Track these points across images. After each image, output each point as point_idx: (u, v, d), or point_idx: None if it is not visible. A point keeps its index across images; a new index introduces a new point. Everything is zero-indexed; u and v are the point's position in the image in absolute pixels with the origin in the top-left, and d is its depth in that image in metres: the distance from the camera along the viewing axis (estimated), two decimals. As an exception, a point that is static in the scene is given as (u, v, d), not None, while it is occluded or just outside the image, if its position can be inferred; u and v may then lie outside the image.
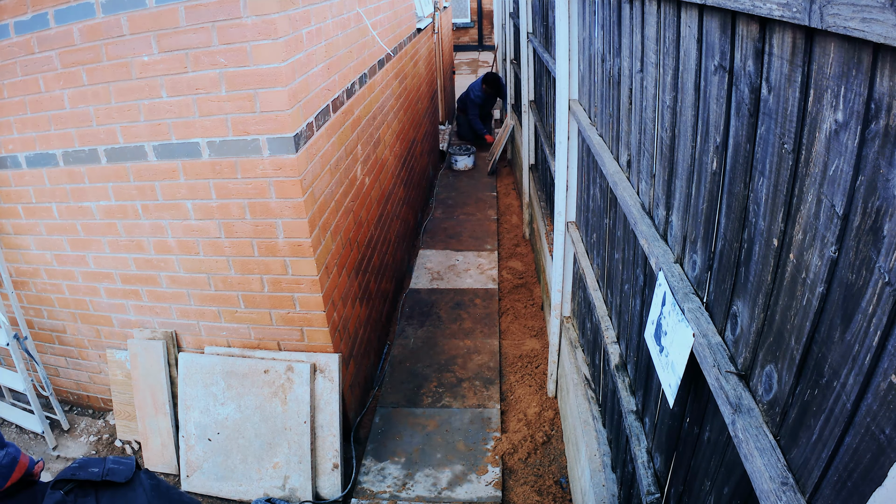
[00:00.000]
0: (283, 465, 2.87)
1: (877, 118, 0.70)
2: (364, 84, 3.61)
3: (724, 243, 1.21)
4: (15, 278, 3.20)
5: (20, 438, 3.40)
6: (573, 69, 2.75)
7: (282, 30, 2.24)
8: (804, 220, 0.89)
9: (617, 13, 1.97)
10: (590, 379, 2.75)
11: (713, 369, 1.16)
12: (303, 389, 2.84)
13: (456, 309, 4.50)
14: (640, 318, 1.86)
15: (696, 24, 1.27)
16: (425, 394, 3.61)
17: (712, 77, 1.20)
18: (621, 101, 2.00)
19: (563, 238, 3.04)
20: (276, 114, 2.35)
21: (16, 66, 2.51)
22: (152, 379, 3.02)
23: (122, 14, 2.27)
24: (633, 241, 1.91)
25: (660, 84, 1.56)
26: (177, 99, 2.39)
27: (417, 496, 2.88)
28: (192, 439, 2.95)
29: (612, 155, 2.16)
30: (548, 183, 4.41)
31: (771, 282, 1.01)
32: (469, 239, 5.66)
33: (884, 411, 0.70)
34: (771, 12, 0.86)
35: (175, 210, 2.66)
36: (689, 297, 1.35)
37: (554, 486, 2.93)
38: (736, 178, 1.13)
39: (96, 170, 2.66)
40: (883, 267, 0.70)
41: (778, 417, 0.98)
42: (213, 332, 2.98)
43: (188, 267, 2.81)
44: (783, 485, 0.91)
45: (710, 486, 1.30)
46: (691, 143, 1.35)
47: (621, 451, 2.16)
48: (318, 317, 2.83)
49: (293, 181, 2.49)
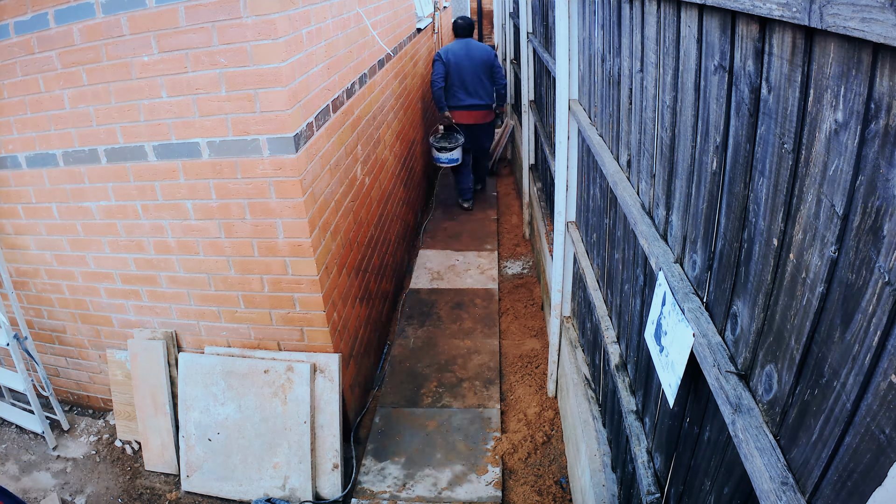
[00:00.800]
0: (284, 465, 2.87)
1: (877, 118, 0.70)
2: (364, 84, 3.61)
3: (724, 243, 1.21)
4: (15, 278, 3.20)
5: (20, 438, 3.40)
6: (573, 69, 2.75)
7: (282, 30, 2.24)
8: (804, 219, 0.89)
9: (617, 13, 1.97)
10: (590, 379, 2.75)
11: (713, 369, 1.16)
12: (303, 389, 2.84)
13: (456, 309, 4.50)
14: (640, 318, 1.86)
15: (695, 24, 1.27)
16: (425, 394, 3.60)
17: (712, 77, 1.20)
18: (621, 101, 2.00)
19: (563, 238, 3.04)
20: (276, 114, 2.35)
21: (16, 67, 2.51)
22: (152, 379, 3.02)
23: (122, 14, 2.27)
24: (633, 241, 1.91)
25: (660, 84, 1.56)
26: (177, 99, 2.39)
27: (417, 496, 2.88)
28: (192, 439, 2.95)
29: (612, 155, 2.16)
30: (548, 183, 4.41)
31: (771, 282, 1.01)
32: (469, 239, 5.65)
33: (884, 411, 0.70)
34: (771, 12, 0.86)
35: (175, 210, 2.66)
36: (689, 297, 1.35)
37: (554, 486, 2.93)
38: (736, 177, 1.13)
39: (96, 170, 2.66)
40: (883, 267, 0.70)
41: (778, 417, 0.98)
42: (213, 332, 2.98)
43: (188, 267, 2.81)
44: (783, 484, 0.91)
45: (710, 486, 1.30)
46: (691, 142, 1.35)
47: (621, 451, 2.16)
48: (318, 317, 2.83)
49: (293, 181, 2.49)
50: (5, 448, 3.34)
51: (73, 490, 3.05)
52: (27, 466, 3.21)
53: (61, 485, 3.08)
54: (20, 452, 3.30)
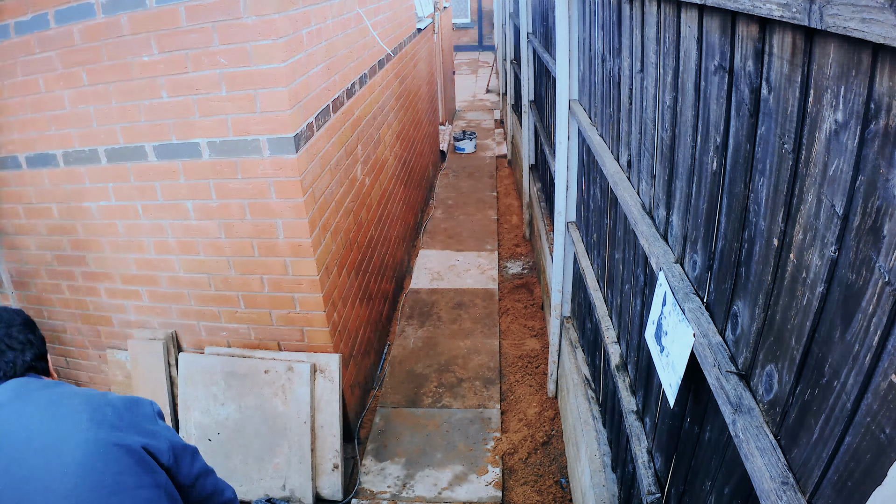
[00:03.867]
0: (284, 465, 2.87)
1: (876, 118, 0.70)
2: (364, 84, 3.61)
3: (724, 243, 1.21)
4: (15, 278, 3.20)
5: (20, 439, 3.39)
6: (573, 69, 2.75)
7: (282, 30, 2.24)
8: (804, 220, 0.89)
9: (617, 13, 1.97)
10: (590, 379, 2.75)
11: (714, 369, 1.16)
12: (303, 390, 2.84)
13: (456, 309, 4.50)
14: (640, 318, 1.86)
15: (696, 25, 1.27)
16: (425, 394, 3.61)
17: (712, 77, 1.20)
18: (621, 102, 2.00)
19: (563, 238, 3.04)
20: (277, 114, 2.35)
21: (16, 67, 2.51)
22: (153, 379, 3.02)
23: (122, 14, 2.27)
24: (633, 241, 1.92)
25: (660, 84, 1.56)
26: (177, 99, 2.39)
27: (418, 496, 2.89)
28: (193, 439, 2.95)
29: (613, 155, 2.16)
30: (548, 183, 4.41)
31: (771, 282, 1.01)
32: (469, 239, 5.66)
33: (884, 411, 0.71)
34: (771, 13, 0.86)
35: (175, 210, 2.66)
36: (689, 297, 1.35)
37: (554, 486, 2.93)
38: (736, 178, 1.13)
39: (96, 170, 2.66)
40: (883, 267, 0.70)
41: (778, 417, 0.99)
42: (214, 332, 2.98)
43: (188, 267, 2.81)
44: (783, 484, 0.91)
45: (710, 486, 1.30)
46: (691, 143, 1.35)
47: (621, 451, 2.16)
48: (318, 317, 2.83)
49: (293, 181, 2.49)
50: (5, 448, 3.33)
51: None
52: (27, 466, 3.21)
53: (61, 485, 3.08)
54: (20, 452, 3.30)
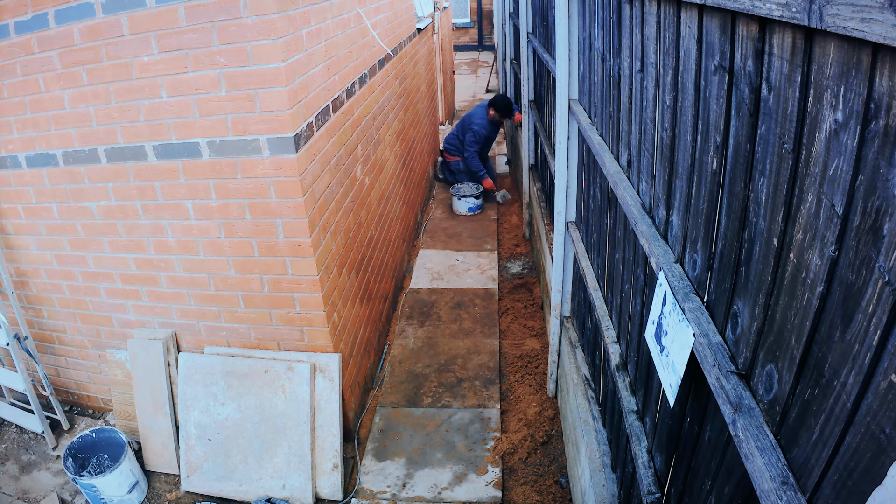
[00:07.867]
0: (283, 465, 2.87)
1: (876, 118, 0.70)
2: (364, 84, 3.61)
3: (724, 243, 1.21)
4: (15, 278, 3.20)
5: (20, 438, 3.40)
6: (573, 69, 2.75)
7: (282, 30, 2.24)
8: (804, 219, 0.89)
9: (617, 13, 1.97)
10: (590, 379, 2.75)
11: (714, 369, 1.16)
12: (303, 389, 2.84)
13: (456, 309, 4.50)
14: (640, 318, 1.86)
15: (695, 24, 1.27)
16: (425, 394, 3.61)
17: (712, 77, 1.20)
18: (621, 101, 2.00)
19: (563, 238, 3.04)
20: (276, 114, 2.35)
21: (16, 67, 2.51)
22: (152, 379, 3.02)
23: (122, 14, 2.27)
24: (633, 241, 1.91)
25: (660, 84, 1.56)
26: (177, 99, 2.39)
27: (417, 496, 2.89)
28: (192, 439, 2.96)
29: (613, 155, 2.16)
30: (548, 183, 4.41)
31: (771, 281, 1.01)
32: (469, 239, 5.66)
33: (884, 411, 0.71)
34: (771, 12, 0.86)
35: (175, 210, 2.66)
36: (689, 297, 1.35)
37: (554, 486, 2.93)
38: (736, 177, 1.13)
39: (96, 170, 2.66)
40: (883, 266, 0.70)
41: (778, 417, 0.99)
42: (213, 332, 2.98)
43: (188, 267, 2.81)
44: (784, 484, 0.91)
45: (710, 486, 1.30)
46: (691, 142, 1.35)
47: (621, 450, 2.16)
48: (318, 317, 2.83)
49: (293, 181, 2.49)
50: (5, 448, 3.34)
51: (73, 490, 3.05)
52: (27, 466, 3.21)
53: (61, 485, 3.08)
54: (20, 452, 3.30)
